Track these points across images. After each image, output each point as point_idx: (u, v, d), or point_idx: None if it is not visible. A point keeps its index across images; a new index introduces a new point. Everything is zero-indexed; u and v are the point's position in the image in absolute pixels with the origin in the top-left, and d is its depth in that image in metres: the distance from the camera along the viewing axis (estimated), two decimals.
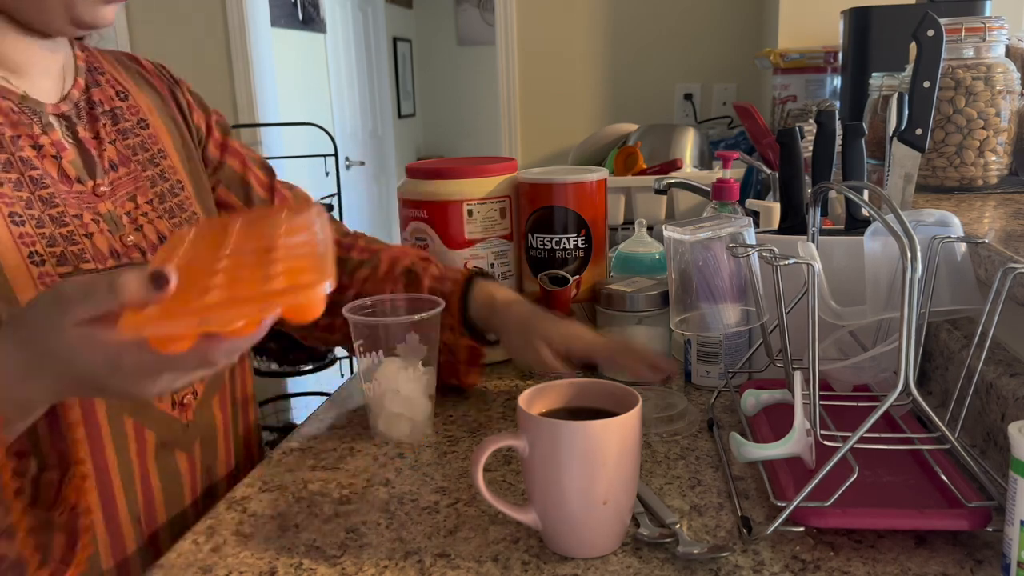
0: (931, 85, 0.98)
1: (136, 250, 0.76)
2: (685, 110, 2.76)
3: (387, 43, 5.11)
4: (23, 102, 0.72)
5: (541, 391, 0.68)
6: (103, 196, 0.75)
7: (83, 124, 0.76)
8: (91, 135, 0.76)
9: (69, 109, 0.76)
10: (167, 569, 0.65)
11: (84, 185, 0.73)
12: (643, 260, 1.14)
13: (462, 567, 0.63)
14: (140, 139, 0.80)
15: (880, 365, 0.77)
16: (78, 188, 0.73)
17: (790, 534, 0.65)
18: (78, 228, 0.71)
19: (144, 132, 0.81)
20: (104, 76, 0.81)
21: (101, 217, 0.73)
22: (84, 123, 0.76)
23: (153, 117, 0.84)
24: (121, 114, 0.80)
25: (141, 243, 0.76)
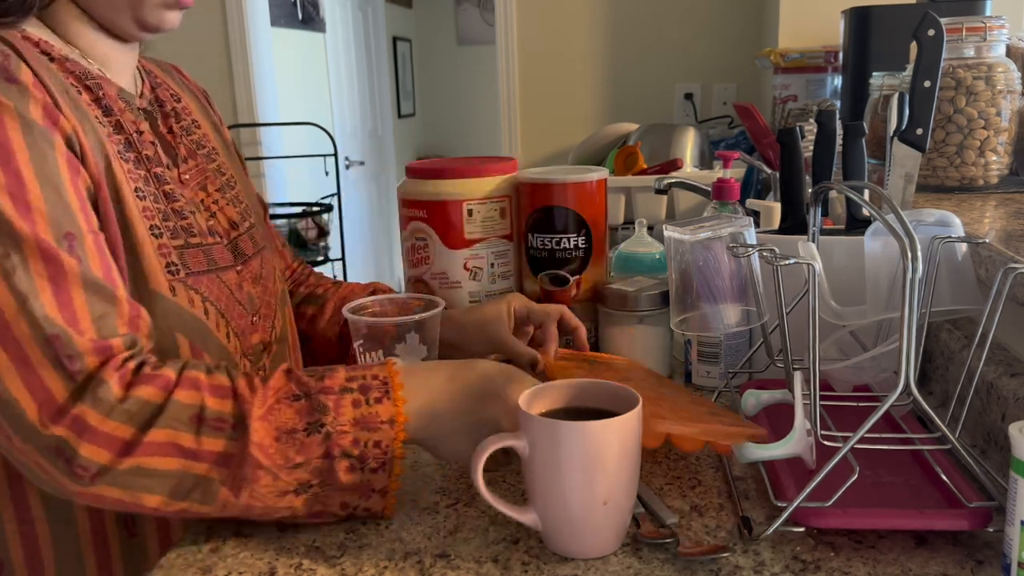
0: (931, 85, 0.98)
1: (211, 235, 0.81)
2: (685, 110, 2.76)
3: (387, 43, 5.11)
4: (121, 94, 0.77)
5: (541, 391, 0.68)
6: (185, 184, 0.81)
7: (160, 119, 0.82)
8: (166, 130, 0.82)
9: (147, 105, 0.81)
10: (167, 569, 0.65)
11: (172, 172, 0.79)
12: (643, 260, 1.14)
13: (462, 567, 0.63)
14: (196, 137, 0.86)
15: (880, 365, 0.77)
16: (168, 174, 0.78)
17: (790, 534, 0.65)
18: (180, 206, 0.77)
19: (198, 131, 0.87)
20: (159, 80, 0.87)
21: (188, 201, 0.79)
22: (160, 118, 0.82)
23: (201, 120, 0.90)
24: (180, 113, 0.86)
25: (216, 228, 0.82)
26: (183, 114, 0.86)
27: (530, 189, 1.02)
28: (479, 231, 1.02)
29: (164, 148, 0.80)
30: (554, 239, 1.02)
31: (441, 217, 1.01)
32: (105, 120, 0.73)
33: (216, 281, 0.78)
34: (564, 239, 1.01)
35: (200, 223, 0.79)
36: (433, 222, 1.02)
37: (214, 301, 0.77)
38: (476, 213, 1.01)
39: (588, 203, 1.01)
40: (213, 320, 0.76)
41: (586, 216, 1.01)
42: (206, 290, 0.76)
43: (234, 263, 0.82)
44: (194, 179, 0.82)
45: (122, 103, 0.76)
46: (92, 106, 0.72)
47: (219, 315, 0.77)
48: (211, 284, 0.77)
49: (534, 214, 1.02)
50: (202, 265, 0.77)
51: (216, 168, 0.87)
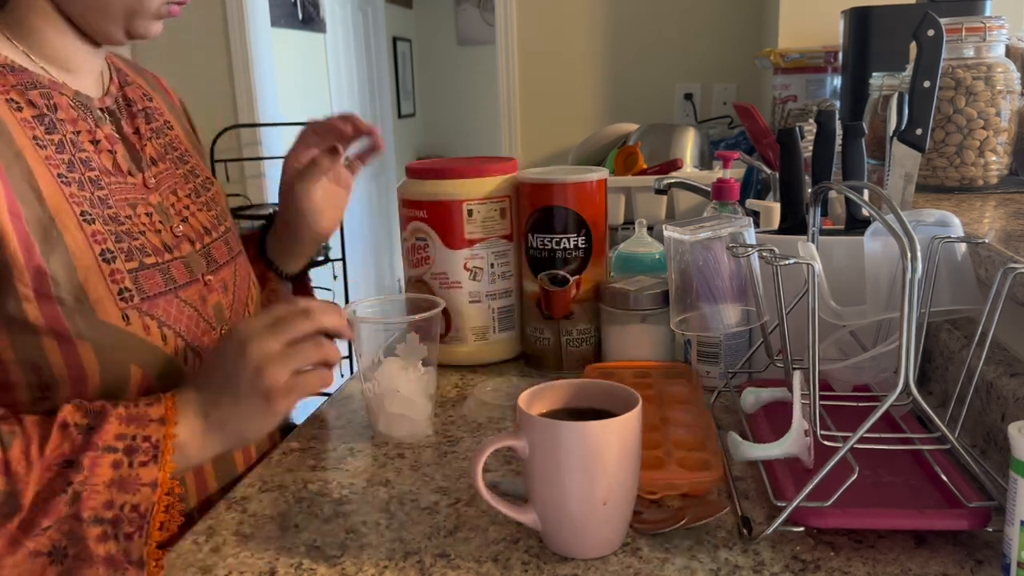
0: (931, 85, 0.98)
1: (186, 241, 0.80)
2: (685, 110, 2.76)
3: (387, 43, 5.11)
4: (76, 97, 0.75)
5: (541, 391, 0.68)
6: (152, 189, 0.78)
7: (125, 119, 0.80)
8: (132, 130, 0.80)
9: (112, 104, 0.79)
10: (167, 569, 0.65)
11: (135, 178, 0.77)
12: (643, 260, 1.14)
13: (462, 567, 0.63)
14: (168, 139, 0.85)
15: (880, 365, 0.77)
16: (131, 180, 0.76)
17: (790, 534, 0.65)
18: (134, 224, 0.74)
19: (171, 132, 0.86)
20: (130, 78, 0.86)
21: (153, 208, 0.77)
22: (125, 118, 0.80)
23: (173, 121, 0.89)
24: (151, 114, 0.84)
25: (190, 233, 0.81)
26: (154, 114, 0.84)
27: (530, 189, 1.02)
28: (479, 231, 1.03)
29: (128, 150, 0.78)
30: (554, 239, 1.02)
31: (441, 217, 1.02)
32: (46, 139, 0.69)
33: (174, 302, 0.75)
34: (564, 239, 1.01)
35: (155, 241, 0.76)
36: (433, 222, 1.02)
37: (172, 324, 0.74)
38: (476, 213, 1.02)
39: (588, 203, 1.01)
40: (172, 346, 0.74)
41: (586, 216, 1.01)
42: (163, 314, 0.74)
43: (199, 272, 0.80)
44: (164, 183, 0.80)
45: (75, 112, 0.74)
46: (33, 125, 0.69)
47: (178, 338, 0.75)
48: (168, 306, 0.74)
49: (534, 214, 1.02)
50: (159, 287, 0.74)
51: (189, 170, 0.86)
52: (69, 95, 0.74)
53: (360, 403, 0.97)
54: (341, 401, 0.99)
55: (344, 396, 1.01)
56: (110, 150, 0.76)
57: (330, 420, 0.94)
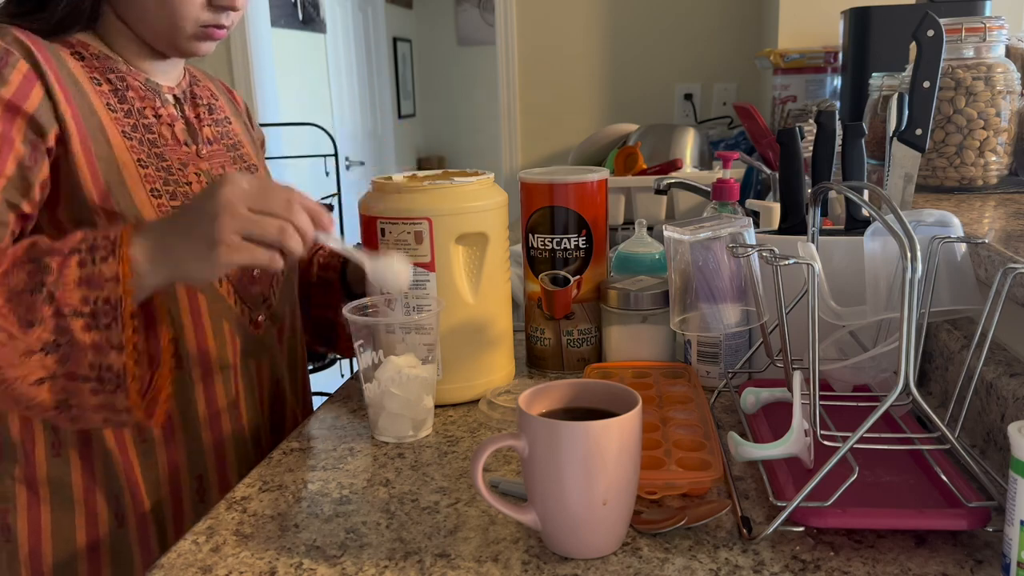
0: (931, 85, 0.98)
1: None
2: (685, 110, 2.76)
3: (387, 43, 5.11)
4: (147, 83, 0.91)
5: (541, 391, 0.68)
6: (203, 158, 0.94)
7: (188, 106, 0.96)
8: (193, 115, 0.95)
9: (180, 93, 0.95)
10: (167, 569, 0.65)
11: (190, 148, 0.93)
12: (643, 260, 1.14)
13: (462, 567, 0.63)
14: (225, 130, 1.00)
15: (880, 365, 0.77)
16: (185, 149, 0.92)
17: (790, 534, 0.65)
18: (183, 176, 0.90)
19: (228, 127, 1.01)
20: (201, 82, 1.02)
21: (202, 172, 0.92)
22: (189, 105, 0.96)
23: (234, 119, 1.04)
24: (213, 108, 1.00)
25: None
26: (217, 110, 1.00)
27: (531, 189, 1.02)
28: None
29: (187, 128, 0.93)
30: (555, 239, 1.02)
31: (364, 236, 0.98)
32: (118, 107, 0.86)
33: None
34: (565, 239, 1.01)
35: (199, 191, 0.88)
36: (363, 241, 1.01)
37: None
38: (388, 233, 0.92)
39: (589, 203, 1.01)
40: None
41: (587, 216, 1.01)
42: None
43: None
44: (215, 157, 0.95)
45: (144, 91, 0.89)
46: (108, 95, 0.86)
47: None
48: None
49: (535, 215, 1.02)
50: None
51: (239, 156, 1.00)
52: (141, 80, 0.90)
53: (360, 403, 0.97)
54: (341, 401, 0.99)
55: (344, 396, 1.01)
56: (170, 124, 0.91)
57: (330, 420, 0.94)
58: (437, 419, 0.92)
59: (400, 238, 0.91)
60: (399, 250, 0.90)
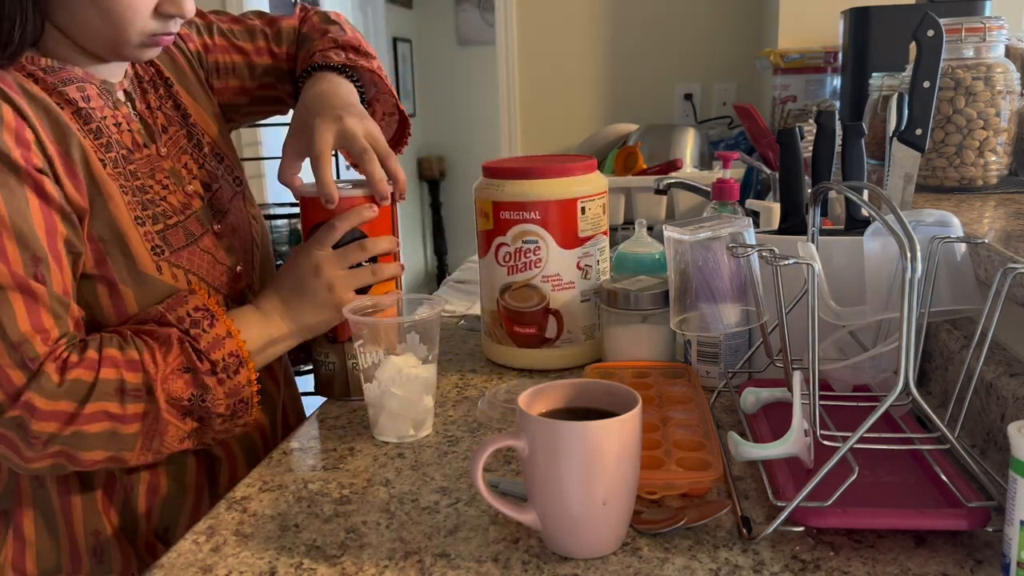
0: (931, 85, 0.98)
1: (196, 197, 0.93)
2: (685, 110, 2.75)
3: (387, 43, 5.10)
4: (102, 85, 0.87)
5: (541, 391, 0.68)
6: (164, 156, 0.91)
7: (139, 97, 0.92)
8: (145, 106, 0.92)
9: (128, 85, 0.91)
10: (167, 569, 0.65)
11: (150, 149, 0.90)
12: (643, 260, 1.14)
13: (462, 567, 0.63)
14: (172, 101, 0.96)
15: (880, 365, 0.77)
16: (146, 152, 0.89)
17: (790, 534, 0.65)
18: (157, 192, 0.88)
19: (177, 98, 0.97)
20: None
21: (167, 173, 0.90)
22: (139, 96, 0.92)
23: (177, 82, 0.98)
24: (157, 83, 0.95)
25: (199, 191, 0.94)
26: (156, 79, 0.95)
27: (307, 203, 0.95)
28: (590, 228, 1.03)
29: (143, 125, 0.91)
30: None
31: (556, 217, 1.01)
32: (85, 129, 0.83)
33: (196, 252, 0.90)
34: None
35: (175, 199, 0.90)
36: (547, 223, 1.01)
37: (195, 271, 0.89)
38: (588, 210, 1.02)
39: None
40: (197, 288, 0.88)
41: (368, 232, 0.94)
42: (187, 263, 0.88)
43: (209, 224, 0.93)
44: (174, 146, 0.93)
45: (102, 100, 0.86)
46: (73, 119, 0.82)
47: (200, 281, 0.90)
48: (191, 256, 0.89)
49: (313, 230, 0.94)
50: (182, 241, 0.89)
51: (191, 125, 0.97)
52: (97, 83, 0.86)
53: (360, 403, 0.97)
54: (341, 401, 0.99)
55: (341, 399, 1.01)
56: (129, 129, 0.88)
57: (330, 420, 0.94)
58: (437, 419, 0.92)
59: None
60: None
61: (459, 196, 5.78)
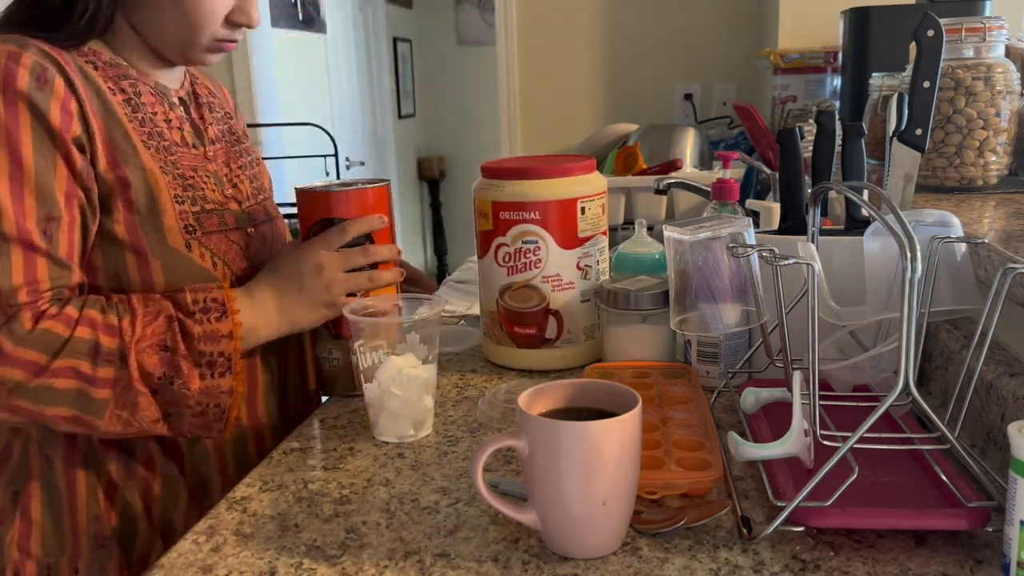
0: (931, 85, 0.98)
1: (233, 201, 0.98)
2: (685, 110, 2.75)
3: (387, 43, 5.10)
4: (156, 86, 0.93)
5: (541, 391, 0.68)
6: (210, 159, 0.97)
7: (193, 108, 0.99)
8: (198, 116, 0.99)
9: (185, 96, 0.98)
10: (167, 569, 0.65)
11: (198, 150, 0.96)
12: (643, 260, 1.14)
13: (462, 567, 0.63)
14: (227, 126, 1.04)
15: (880, 365, 0.77)
16: (194, 152, 0.95)
17: (790, 534, 0.66)
18: (198, 181, 0.93)
19: (230, 122, 1.06)
20: (200, 81, 1.05)
21: (210, 174, 0.95)
22: (193, 107, 0.99)
23: (232, 114, 1.09)
24: (213, 106, 1.03)
25: (237, 195, 0.99)
26: (216, 107, 1.04)
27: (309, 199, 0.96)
28: (589, 228, 1.03)
29: (193, 130, 0.97)
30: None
31: (556, 217, 1.01)
32: (133, 116, 0.88)
33: (225, 240, 0.94)
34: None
35: (215, 195, 0.94)
36: (547, 223, 1.01)
37: (222, 256, 0.93)
38: (588, 210, 1.02)
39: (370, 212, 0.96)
40: (220, 271, 0.92)
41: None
42: (215, 247, 0.92)
43: (244, 225, 0.97)
44: (219, 156, 0.99)
45: (155, 97, 0.92)
46: (123, 105, 0.87)
47: (225, 266, 0.93)
48: (220, 242, 0.93)
49: (313, 227, 0.96)
50: (215, 226, 0.93)
51: (242, 150, 1.05)
52: (151, 84, 0.92)
53: (360, 403, 0.97)
54: (341, 401, 0.99)
55: (344, 396, 1.01)
56: (179, 128, 0.94)
57: (330, 420, 0.94)
58: (437, 419, 0.92)
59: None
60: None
61: (459, 196, 5.78)
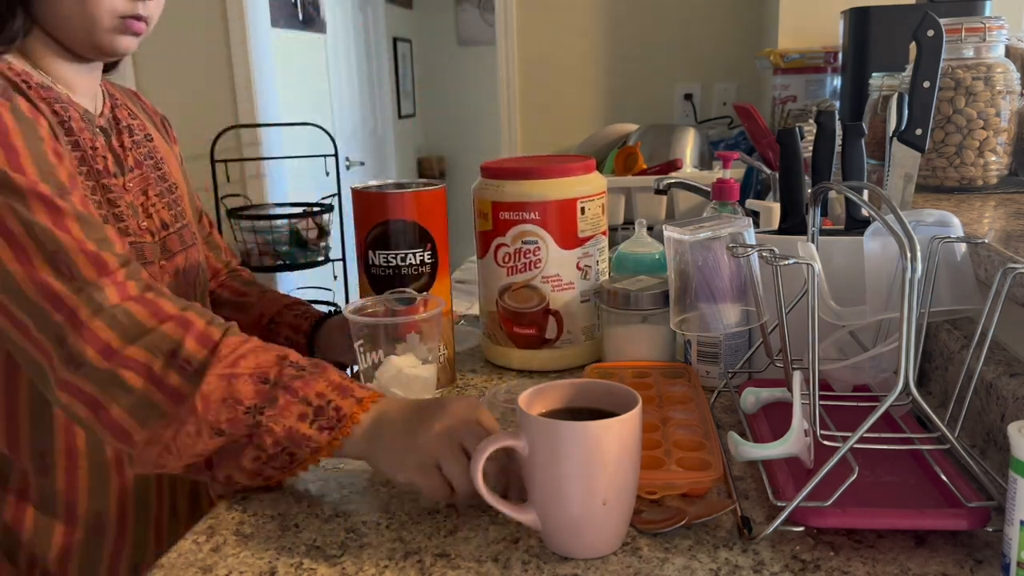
0: (931, 85, 0.98)
1: (147, 233, 0.94)
2: (685, 110, 2.75)
3: (387, 43, 5.10)
4: (84, 115, 0.91)
5: (541, 391, 0.68)
6: (128, 190, 0.93)
7: (114, 135, 0.95)
8: (118, 144, 0.95)
9: (105, 123, 0.95)
10: (167, 569, 0.65)
11: (118, 180, 0.92)
12: (643, 260, 1.14)
13: (462, 567, 0.63)
14: (147, 149, 1.00)
15: (880, 365, 0.77)
16: (115, 182, 0.91)
17: (790, 534, 0.65)
18: (122, 211, 0.90)
19: (150, 144, 1.01)
20: (119, 100, 1.00)
21: (127, 205, 0.92)
22: (114, 135, 0.95)
23: (153, 133, 1.03)
24: (134, 129, 0.99)
25: (152, 227, 0.95)
26: (136, 129, 0.99)
27: (369, 200, 0.95)
28: (589, 228, 1.03)
29: (115, 159, 0.93)
30: (399, 255, 0.95)
31: (556, 217, 1.01)
32: (66, 139, 0.86)
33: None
34: (411, 254, 0.95)
35: (135, 224, 0.91)
36: (546, 223, 1.01)
37: None
38: (588, 211, 1.02)
39: (429, 214, 0.96)
40: None
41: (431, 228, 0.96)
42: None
43: (159, 258, 0.95)
44: (137, 185, 0.95)
45: (83, 123, 0.89)
46: (57, 127, 0.85)
47: None
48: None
49: (375, 229, 0.95)
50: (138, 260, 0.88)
51: (160, 176, 1.00)
52: (80, 111, 0.90)
53: None
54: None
55: None
56: (103, 156, 0.91)
57: None
58: None
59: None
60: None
61: (459, 196, 5.77)
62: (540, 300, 1.03)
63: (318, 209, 3.06)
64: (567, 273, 1.03)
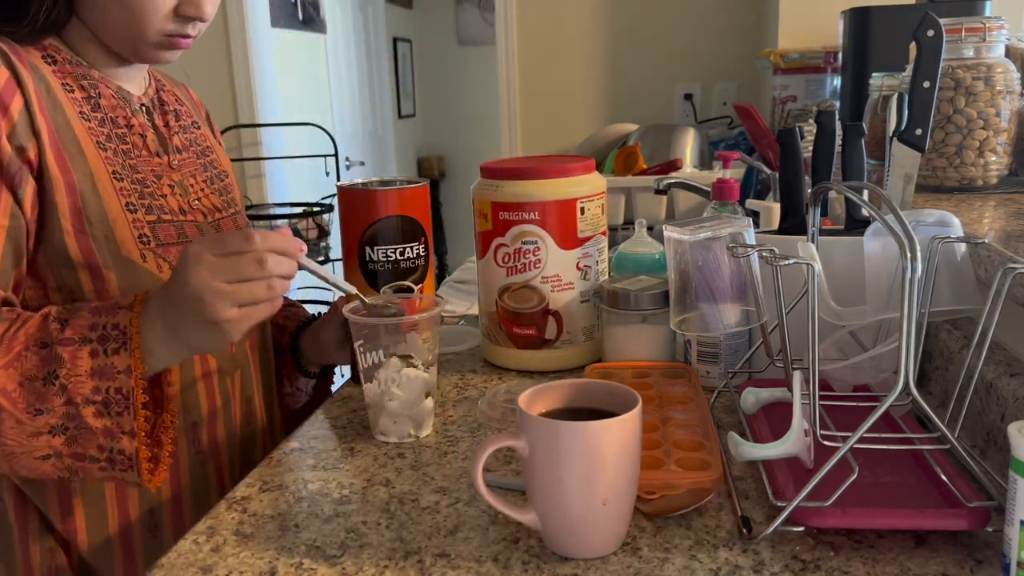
0: (931, 85, 0.98)
1: (199, 212, 0.94)
2: (685, 110, 2.76)
3: (387, 43, 5.10)
4: (118, 92, 0.90)
5: (541, 391, 0.68)
6: (175, 168, 0.93)
7: (158, 114, 0.95)
8: (163, 124, 0.95)
9: (148, 101, 0.94)
10: (167, 569, 0.65)
11: (161, 159, 0.92)
12: (643, 260, 1.14)
13: (462, 567, 0.63)
14: (194, 136, 1.00)
15: (880, 365, 0.77)
16: (157, 160, 0.91)
17: (790, 534, 0.65)
18: (158, 189, 0.89)
19: (197, 131, 1.01)
20: (166, 87, 1.01)
21: (175, 184, 0.92)
22: (158, 114, 0.95)
23: (201, 123, 1.04)
24: (181, 114, 0.99)
25: (203, 208, 0.95)
26: (183, 115, 0.99)
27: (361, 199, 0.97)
28: (589, 229, 1.03)
29: (158, 137, 0.93)
30: (398, 249, 0.98)
31: (555, 218, 1.01)
32: (91, 115, 0.85)
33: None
34: (408, 248, 0.98)
35: (176, 206, 0.90)
36: (546, 223, 1.01)
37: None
38: (587, 211, 1.02)
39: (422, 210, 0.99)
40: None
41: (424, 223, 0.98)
42: (174, 259, 0.87)
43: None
44: (185, 167, 0.95)
45: (116, 101, 0.89)
46: (81, 103, 0.84)
47: None
48: (178, 254, 0.85)
49: (376, 224, 0.96)
50: (172, 238, 0.88)
51: (208, 162, 1.00)
52: (113, 88, 0.89)
53: (360, 403, 0.97)
54: (341, 401, 0.99)
55: (344, 396, 1.01)
56: (142, 134, 0.90)
57: (330, 420, 0.94)
58: (437, 419, 0.92)
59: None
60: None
61: (459, 196, 5.78)
62: (540, 300, 1.03)
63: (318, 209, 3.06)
64: (567, 273, 1.03)
